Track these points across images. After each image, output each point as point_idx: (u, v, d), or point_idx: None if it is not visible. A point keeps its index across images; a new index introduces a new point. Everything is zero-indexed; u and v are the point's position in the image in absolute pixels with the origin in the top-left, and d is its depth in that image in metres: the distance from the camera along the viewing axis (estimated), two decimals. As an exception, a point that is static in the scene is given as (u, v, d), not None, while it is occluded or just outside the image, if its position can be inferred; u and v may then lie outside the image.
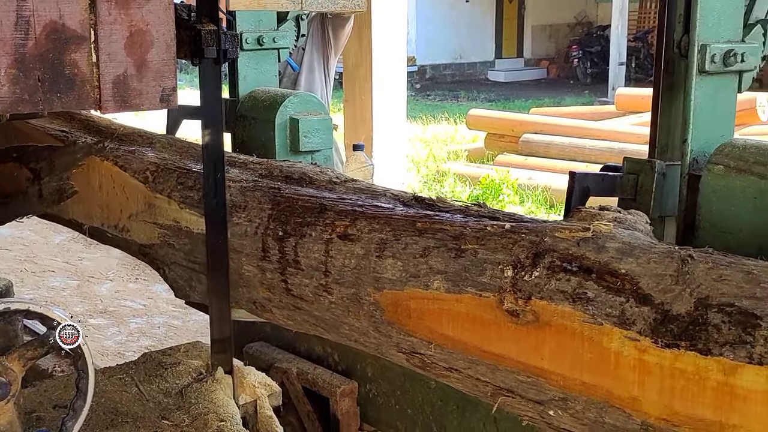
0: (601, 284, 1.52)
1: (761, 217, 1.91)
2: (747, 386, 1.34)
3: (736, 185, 1.97)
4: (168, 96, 1.88)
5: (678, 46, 2.17)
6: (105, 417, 2.36)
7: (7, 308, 1.89)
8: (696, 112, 2.14)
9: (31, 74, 1.70)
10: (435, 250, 1.78)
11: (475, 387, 1.81)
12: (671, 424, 1.46)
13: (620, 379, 1.50)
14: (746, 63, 2.18)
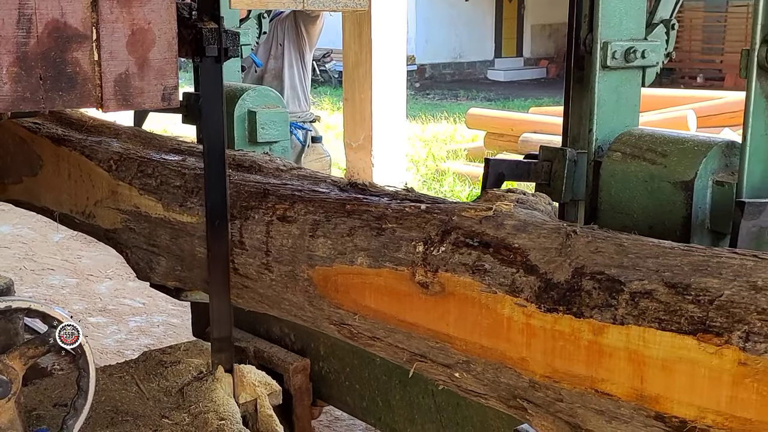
0: (496, 257, 1.68)
1: (652, 199, 2.13)
2: (612, 344, 1.49)
3: (630, 170, 2.18)
4: (169, 94, 1.88)
5: (584, 44, 2.39)
6: (105, 415, 2.36)
7: (8, 306, 1.89)
8: (600, 104, 2.33)
9: (32, 72, 1.70)
10: (360, 230, 1.94)
11: (395, 354, 1.96)
12: (552, 381, 1.60)
13: (511, 341, 1.64)
14: (648, 59, 2.38)
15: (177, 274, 2.55)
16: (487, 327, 1.68)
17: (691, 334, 1.39)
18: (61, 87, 1.74)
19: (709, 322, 1.38)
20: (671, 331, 1.42)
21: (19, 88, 1.69)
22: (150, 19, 1.83)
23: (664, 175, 2.13)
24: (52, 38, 1.71)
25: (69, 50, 1.74)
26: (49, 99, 1.73)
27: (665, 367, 1.44)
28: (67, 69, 1.74)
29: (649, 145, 2.19)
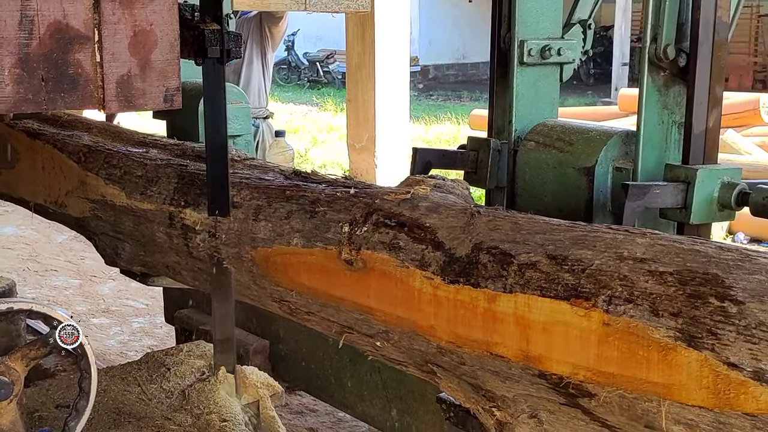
0: (410, 235, 1.85)
1: (560, 184, 2.36)
2: (503, 311, 1.65)
3: (542, 158, 2.42)
4: (172, 96, 1.88)
5: (504, 42, 2.55)
6: (108, 417, 2.36)
7: (11, 308, 1.89)
8: (518, 97, 2.53)
9: (35, 74, 1.70)
10: (296, 213, 2.11)
11: (327, 327, 2.12)
12: (456, 346, 1.76)
13: (422, 311, 1.80)
14: (564, 56, 2.58)
15: (141, 258, 2.68)
16: (401, 299, 1.84)
17: (565, 299, 1.55)
18: (63, 88, 1.73)
19: (580, 288, 1.54)
20: (550, 297, 1.58)
21: (21, 90, 1.69)
22: (152, 21, 1.83)
23: (570, 161, 2.35)
24: (54, 39, 1.71)
25: (71, 51, 1.74)
26: (51, 100, 1.73)
27: (546, 329, 1.60)
28: (69, 70, 1.74)
29: (559, 134, 2.42)
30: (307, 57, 21.16)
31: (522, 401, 1.73)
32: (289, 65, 21.27)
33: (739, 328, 1.36)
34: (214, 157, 2.32)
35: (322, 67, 20.93)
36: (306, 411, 3.99)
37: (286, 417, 3.83)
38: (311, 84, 20.68)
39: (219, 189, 2.30)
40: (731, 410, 1.38)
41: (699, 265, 1.47)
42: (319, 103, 17.15)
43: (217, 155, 2.32)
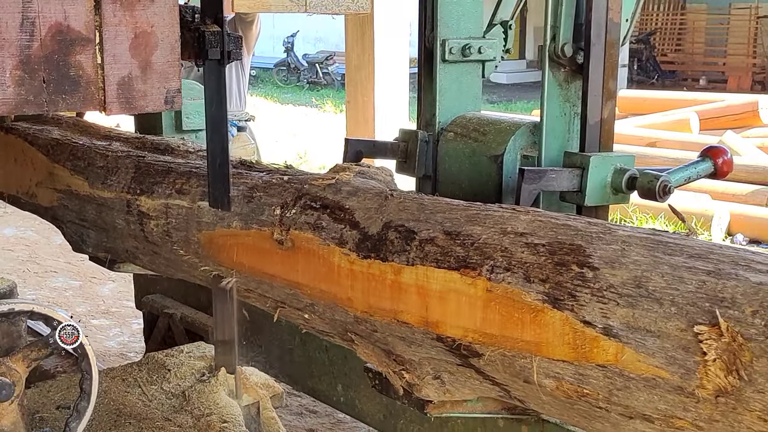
0: (332, 216, 2.03)
1: (474, 171, 2.57)
2: (406, 282, 1.82)
3: (459, 147, 2.63)
4: (172, 97, 1.89)
5: (428, 41, 2.73)
6: (108, 418, 2.37)
7: (12, 309, 1.89)
8: (441, 92, 2.72)
9: (36, 75, 1.70)
10: (236, 198, 2.26)
11: (264, 302, 2.29)
12: (369, 315, 1.93)
13: (341, 285, 1.97)
14: (485, 55, 2.78)
15: (104, 245, 2.84)
16: (324, 274, 2.01)
17: (456, 269, 1.74)
18: (65, 90, 1.74)
19: (469, 259, 1.73)
20: (444, 268, 1.76)
21: (23, 91, 1.70)
22: (153, 23, 1.83)
23: (483, 150, 2.56)
24: (56, 41, 1.72)
25: (72, 53, 1.74)
26: (53, 102, 1.73)
27: (441, 297, 1.77)
28: (70, 72, 1.74)
29: (474, 126, 2.64)
30: (307, 58, 21.16)
31: (426, 364, 1.92)
32: (288, 67, 21.27)
33: (593, 291, 1.55)
34: (215, 158, 2.32)
35: (322, 68, 20.93)
36: (305, 412, 3.99)
37: (286, 418, 3.83)
38: (311, 85, 20.68)
39: (220, 187, 2.31)
40: (587, 362, 1.56)
41: (567, 237, 1.67)
42: (319, 105, 17.15)
43: (219, 156, 2.32)
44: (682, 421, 1.50)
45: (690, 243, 1.60)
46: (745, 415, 1.40)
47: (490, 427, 2.41)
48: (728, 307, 1.42)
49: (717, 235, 7.00)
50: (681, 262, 1.53)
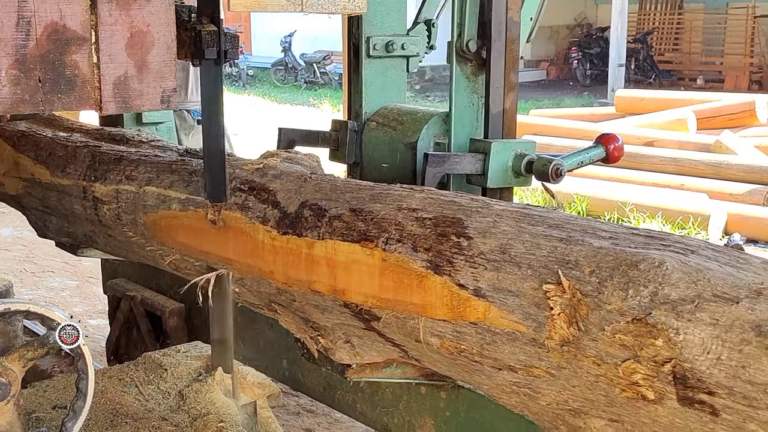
0: (257, 197, 2.22)
1: (393, 157, 2.83)
2: (318, 254, 2.02)
3: (380, 136, 2.89)
4: (168, 96, 1.88)
5: (355, 38, 2.97)
6: (105, 418, 2.36)
7: (8, 309, 1.89)
8: (367, 85, 2.97)
9: (32, 75, 1.70)
10: (177, 182, 2.47)
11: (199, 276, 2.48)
12: (288, 286, 2.14)
13: (264, 259, 2.17)
14: (408, 50, 3.04)
15: (65, 230, 3.03)
16: (250, 250, 2.20)
17: (358, 242, 1.94)
18: (60, 89, 1.74)
19: (368, 233, 1.94)
20: (348, 241, 1.96)
21: (18, 91, 1.70)
22: (149, 22, 1.83)
23: (400, 138, 2.81)
24: (51, 41, 1.72)
25: (68, 53, 1.74)
26: (48, 101, 1.73)
27: (346, 267, 1.97)
28: (66, 71, 1.74)
29: (394, 115, 2.89)
30: (304, 58, 21.16)
31: (338, 329, 2.13)
32: (285, 66, 21.26)
33: (467, 257, 1.76)
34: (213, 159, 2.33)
35: (319, 68, 20.92)
36: (303, 412, 4.00)
37: (283, 418, 3.83)
38: (308, 85, 20.68)
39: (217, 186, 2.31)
40: (462, 321, 1.76)
41: (451, 211, 1.88)
42: (316, 104, 17.15)
43: (216, 156, 2.32)
44: (539, 370, 1.70)
45: (552, 215, 1.83)
46: (584, 361, 1.60)
47: (414, 394, 2.66)
48: (572, 268, 1.62)
49: (714, 235, 7.01)
50: (540, 231, 1.74)
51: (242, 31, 20.03)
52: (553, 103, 16.77)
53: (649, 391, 1.53)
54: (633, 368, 1.54)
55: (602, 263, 1.60)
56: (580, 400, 1.67)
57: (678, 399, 1.50)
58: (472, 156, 2.65)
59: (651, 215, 7.30)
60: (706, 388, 1.46)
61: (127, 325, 3.95)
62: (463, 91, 2.70)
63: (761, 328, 1.42)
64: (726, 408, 1.45)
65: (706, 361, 1.45)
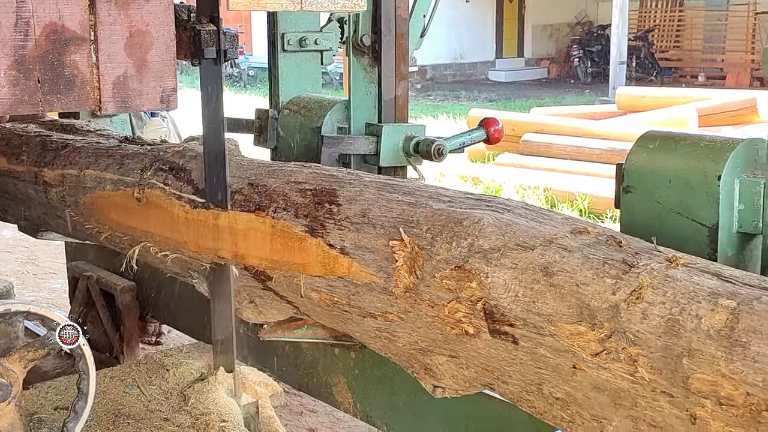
0: (176, 176, 2.49)
1: (303, 141, 3.21)
2: (222, 224, 2.32)
3: (291, 122, 3.26)
4: (168, 96, 1.88)
5: (271, 34, 3.30)
6: (107, 418, 2.36)
7: (8, 310, 1.89)
8: (283, 77, 3.34)
9: (31, 75, 1.70)
10: (112, 165, 2.73)
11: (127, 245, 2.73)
12: (197, 254, 2.42)
13: (179, 231, 2.44)
14: (321, 45, 3.42)
15: (23, 213, 3.27)
16: (168, 223, 2.47)
17: (253, 212, 2.25)
18: (60, 89, 1.74)
19: (261, 203, 2.24)
20: (245, 211, 2.27)
21: (18, 91, 1.70)
22: (148, 21, 1.83)
23: (307, 123, 3.18)
24: (50, 41, 1.72)
25: (67, 53, 1.74)
26: (48, 102, 1.73)
27: (245, 234, 2.27)
28: (65, 71, 1.74)
29: (304, 104, 3.26)
30: (305, 58, 21.13)
31: (243, 291, 2.39)
32: (286, 66, 21.24)
33: (336, 221, 2.07)
34: (212, 159, 2.33)
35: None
36: (306, 411, 3.99)
37: (286, 417, 3.83)
38: (309, 85, 20.65)
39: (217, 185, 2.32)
40: (333, 275, 2.06)
41: (329, 183, 2.19)
42: (317, 104, 17.12)
43: (216, 157, 2.33)
44: (392, 315, 1.96)
45: (407, 185, 2.14)
46: (422, 304, 1.88)
47: (330, 355, 2.95)
48: (413, 227, 1.93)
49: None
50: (395, 198, 2.05)
51: (243, 31, 20.00)
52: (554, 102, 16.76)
53: (469, 326, 1.81)
54: (456, 308, 1.82)
55: (437, 222, 1.90)
56: (426, 340, 1.94)
57: (489, 332, 1.77)
58: (365, 138, 3.00)
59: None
60: (507, 320, 1.73)
61: (85, 304, 4.24)
62: (361, 80, 3.04)
63: (548, 269, 1.69)
64: (523, 336, 1.71)
65: (507, 298, 1.73)
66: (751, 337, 1.44)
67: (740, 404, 1.43)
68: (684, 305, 1.52)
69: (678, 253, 1.70)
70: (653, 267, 1.62)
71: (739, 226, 2.11)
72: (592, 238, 1.75)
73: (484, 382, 1.90)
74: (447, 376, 1.96)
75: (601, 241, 1.74)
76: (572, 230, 1.79)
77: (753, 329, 1.44)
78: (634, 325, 1.56)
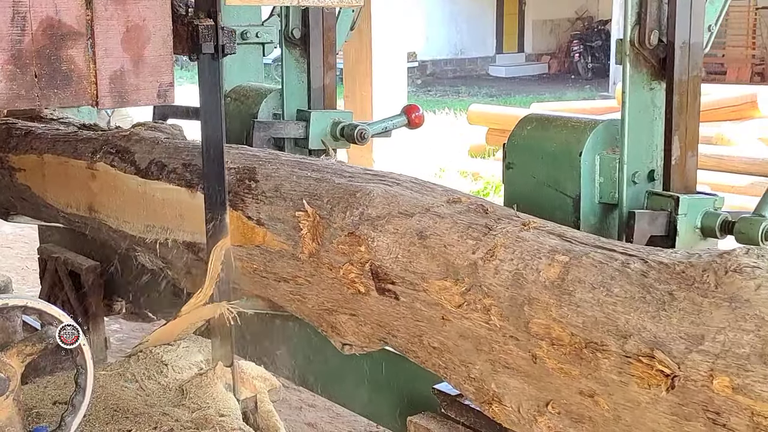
0: (121, 158, 2.83)
1: (240, 126, 3.46)
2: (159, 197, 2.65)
3: (232, 108, 3.52)
4: (165, 91, 1.89)
5: None
6: (105, 413, 2.36)
7: (6, 304, 1.89)
8: (228, 68, 3.51)
9: (27, 70, 1.70)
10: (67, 150, 3.07)
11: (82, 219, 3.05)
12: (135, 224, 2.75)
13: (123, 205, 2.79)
14: (263, 38, 3.73)
15: None
16: (114, 197, 2.82)
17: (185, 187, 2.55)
18: (57, 84, 1.74)
19: (192, 181, 2.53)
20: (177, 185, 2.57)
21: (14, 86, 1.70)
22: (145, 16, 1.83)
23: (246, 111, 3.47)
24: (47, 36, 1.72)
25: (64, 48, 1.74)
26: (45, 96, 1.73)
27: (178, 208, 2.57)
28: (62, 66, 1.74)
29: (244, 92, 3.57)
30: (305, 54, 21.11)
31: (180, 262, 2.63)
32: (287, 62, 21.21)
33: (254, 195, 2.34)
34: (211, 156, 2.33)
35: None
36: (305, 406, 4.00)
37: (285, 412, 3.83)
38: (309, 81, 20.63)
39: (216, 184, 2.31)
40: (251, 245, 2.32)
41: (251, 162, 2.47)
42: (318, 100, 17.09)
43: (214, 154, 2.32)
44: (301, 279, 2.21)
45: (318, 163, 2.41)
46: (323, 268, 2.12)
47: (269, 325, 3.09)
48: (317, 199, 2.18)
49: (716, 227, 6.99)
50: (305, 174, 2.30)
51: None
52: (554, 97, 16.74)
53: (361, 286, 2.04)
54: (349, 269, 2.05)
55: (336, 194, 2.16)
56: (330, 300, 2.16)
57: (376, 290, 2.00)
58: (294, 123, 3.31)
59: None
60: (390, 279, 1.96)
61: (53, 284, 4.44)
62: (293, 70, 3.34)
63: (422, 233, 1.93)
64: (403, 293, 1.94)
65: (390, 259, 1.97)
66: (576, 286, 1.65)
67: (567, 343, 1.63)
68: (528, 261, 1.74)
69: (532, 217, 1.92)
70: (509, 230, 1.84)
71: (600, 197, 2.35)
72: (464, 206, 1.99)
73: (379, 336, 2.12)
74: (350, 333, 2.19)
75: (471, 209, 1.97)
76: (448, 200, 2.03)
77: (579, 279, 1.65)
78: (488, 279, 1.78)
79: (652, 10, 2.28)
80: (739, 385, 1.39)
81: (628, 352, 1.53)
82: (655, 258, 1.63)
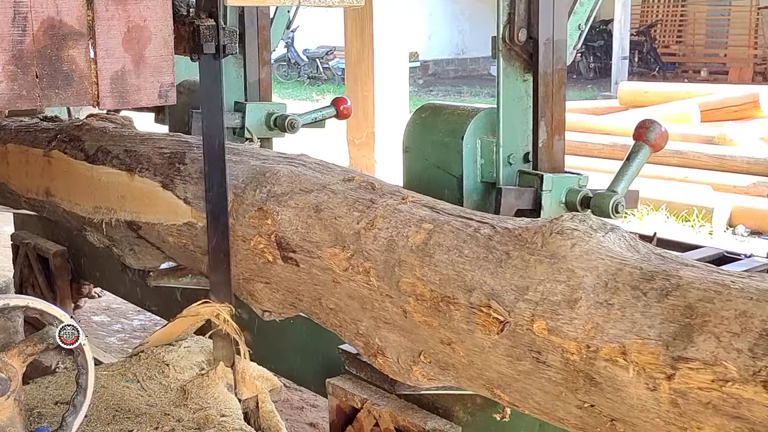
0: (72, 144, 3.09)
1: (186, 116, 3.68)
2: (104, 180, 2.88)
3: (180, 102, 3.45)
4: (166, 91, 1.88)
5: None
6: (106, 413, 2.36)
7: (6, 304, 1.89)
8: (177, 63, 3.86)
9: (28, 70, 1.70)
10: (26, 140, 3.37)
11: (41, 203, 3.30)
12: (101, 211, 2.93)
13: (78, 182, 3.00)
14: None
15: None
16: (70, 177, 3.04)
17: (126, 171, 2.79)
18: (58, 85, 1.74)
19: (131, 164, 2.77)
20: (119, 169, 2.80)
21: (16, 87, 1.70)
22: (146, 16, 1.83)
23: (189, 103, 3.65)
24: (48, 36, 1.72)
25: (65, 48, 1.74)
26: (46, 97, 1.73)
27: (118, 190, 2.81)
28: (63, 67, 1.74)
29: (189, 86, 3.70)
30: (307, 53, 21.12)
31: (124, 240, 2.87)
32: (288, 62, 21.24)
33: (182, 177, 2.60)
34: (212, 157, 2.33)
35: (322, 63, 20.90)
36: (306, 406, 3.99)
37: (287, 412, 3.83)
38: (311, 80, 20.66)
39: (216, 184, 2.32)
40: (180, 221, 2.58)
41: (182, 148, 2.71)
42: (319, 100, 17.13)
43: (215, 154, 2.33)
44: None
45: (239, 147, 2.68)
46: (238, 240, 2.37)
47: None
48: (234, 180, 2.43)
49: (718, 227, 6.98)
50: (243, 160, 2.52)
51: (245, 27, 19.97)
52: (556, 97, 16.66)
53: (269, 255, 2.28)
54: (258, 240, 2.30)
55: (250, 174, 2.42)
56: (247, 270, 2.39)
57: (281, 258, 2.25)
58: (232, 114, 3.60)
59: (655, 208, 7.28)
60: (291, 248, 2.21)
61: (24, 268, 4.73)
62: (232, 66, 3.65)
63: (318, 207, 2.19)
64: (302, 260, 2.19)
65: (291, 230, 2.22)
66: (436, 249, 1.90)
67: (428, 299, 1.87)
68: (400, 229, 2.00)
69: (412, 192, 2.17)
70: (389, 203, 2.10)
71: (481, 176, 2.65)
72: (356, 184, 2.24)
73: (290, 302, 2.35)
74: (266, 300, 2.42)
75: (361, 186, 2.22)
76: (343, 179, 2.28)
77: (438, 244, 1.91)
78: (368, 245, 2.03)
79: (521, 11, 2.56)
80: (552, 327, 1.63)
81: (473, 303, 1.77)
82: (503, 225, 1.88)
